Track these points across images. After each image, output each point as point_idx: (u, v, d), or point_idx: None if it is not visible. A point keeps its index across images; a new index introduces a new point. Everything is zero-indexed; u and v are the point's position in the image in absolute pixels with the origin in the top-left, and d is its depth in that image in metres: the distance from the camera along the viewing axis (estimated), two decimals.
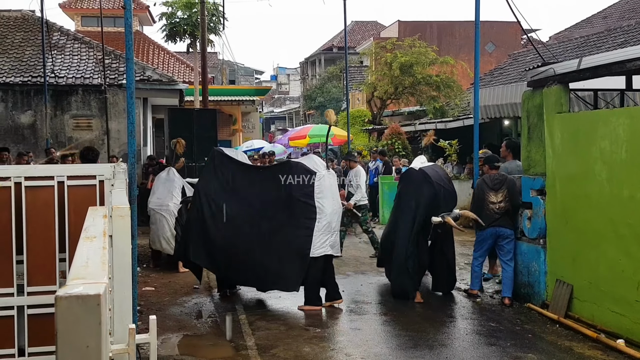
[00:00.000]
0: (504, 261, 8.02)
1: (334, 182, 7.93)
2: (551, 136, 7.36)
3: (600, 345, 6.14)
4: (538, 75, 7.75)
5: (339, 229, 8.01)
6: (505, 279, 7.95)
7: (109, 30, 26.02)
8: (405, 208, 8.16)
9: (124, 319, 2.62)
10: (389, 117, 28.79)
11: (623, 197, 6.12)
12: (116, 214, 2.68)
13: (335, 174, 8.30)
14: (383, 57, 25.71)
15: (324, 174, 7.74)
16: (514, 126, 16.39)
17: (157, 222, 10.19)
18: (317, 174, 7.67)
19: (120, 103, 15.40)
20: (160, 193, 10.38)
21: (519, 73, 16.99)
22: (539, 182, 7.60)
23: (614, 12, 27.14)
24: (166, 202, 10.18)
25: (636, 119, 6.04)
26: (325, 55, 51.02)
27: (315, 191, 7.62)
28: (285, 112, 62.03)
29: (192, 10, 23.00)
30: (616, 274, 6.20)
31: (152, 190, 10.65)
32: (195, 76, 23.22)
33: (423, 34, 29.54)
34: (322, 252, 7.57)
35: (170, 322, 7.20)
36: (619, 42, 14.92)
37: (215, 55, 40.76)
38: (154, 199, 10.37)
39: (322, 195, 7.61)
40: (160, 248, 10.30)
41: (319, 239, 7.56)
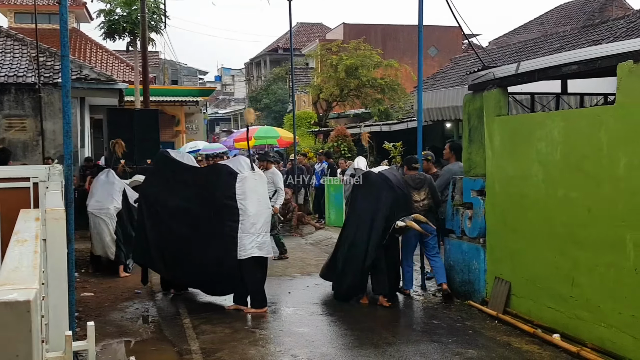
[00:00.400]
0: (430, 256, 8.32)
1: (261, 183, 7.87)
2: (491, 138, 7.54)
3: (537, 339, 6.33)
4: (478, 79, 7.93)
5: (268, 230, 7.85)
6: (437, 268, 8.24)
7: (44, 27, 25.21)
8: (364, 212, 7.99)
9: (60, 325, 2.54)
10: (334, 119, 28.97)
11: (558, 197, 6.32)
12: (50, 217, 2.59)
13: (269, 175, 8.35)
14: (328, 60, 25.85)
15: (247, 176, 7.69)
16: (456, 129, 16.73)
17: (97, 226, 9.92)
18: (239, 175, 7.65)
19: (55, 103, 14.92)
20: (100, 196, 10.09)
21: (460, 77, 17.34)
22: (479, 183, 7.77)
23: (550, 18, 28.09)
24: (106, 206, 9.93)
25: (570, 121, 6.25)
26: (271, 56, 50.89)
27: (237, 192, 7.58)
28: (230, 114, 61.52)
29: (131, 8, 22.51)
30: (552, 271, 6.39)
31: (91, 192, 10.32)
32: (135, 75, 22.77)
33: (368, 37, 29.84)
34: (249, 254, 7.53)
35: (110, 328, 7.02)
36: (555, 47, 15.43)
37: (156, 54, 40.12)
38: (92, 202, 10.05)
39: (245, 196, 7.57)
40: (101, 252, 10.04)
41: (243, 240, 7.52)
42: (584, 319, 5.96)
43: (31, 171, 4.22)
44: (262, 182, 7.90)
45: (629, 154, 5.38)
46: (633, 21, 14.54)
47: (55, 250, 2.56)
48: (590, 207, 5.87)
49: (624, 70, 5.45)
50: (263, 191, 7.92)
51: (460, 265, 8.12)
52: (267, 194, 8.12)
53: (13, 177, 4.14)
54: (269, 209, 8.00)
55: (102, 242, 9.92)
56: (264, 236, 7.71)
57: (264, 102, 42.19)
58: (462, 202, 8.11)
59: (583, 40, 14.82)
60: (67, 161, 5.51)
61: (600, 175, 5.74)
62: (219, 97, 68.53)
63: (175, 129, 31.17)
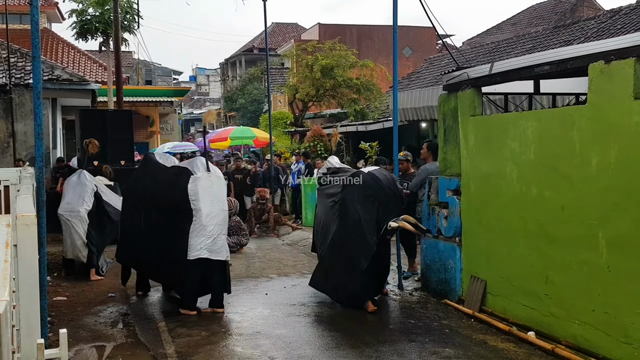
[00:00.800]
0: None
1: (217, 184, 7.82)
2: (465, 138, 7.59)
3: (512, 337, 6.38)
4: (453, 80, 7.98)
5: (223, 232, 7.78)
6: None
7: (15, 27, 24.79)
8: (355, 213, 7.71)
9: (32, 333, 2.49)
10: (310, 119, 28.98)
11: (532, 196, 6.39)
12: (21, 223, 2.54)
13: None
14: (304, 60, 25.84)
15: (200, 176, 7.66)
16: (431, 128, 16.84)
17: (68, 228, 9.77)
18: (192, 176, 7.64)
19: (27, 104, 14.65)
20: (71, 198, 9.92)
21: (435, 77, 17.47)
22: (455, 183, 7.82)
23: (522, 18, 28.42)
24: (77, 208, 9.77)
25: (543, 121, 6.32)
26: (246, 56, 50.72)
27: (190, 193, 7.58)
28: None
29: (104, 7, 22.28)
30: (526, 270, 6.46)
31: (63, 194, 10.15)
32: (108, 76, 22.53)
33: (343, 37, 29.91)
34: (196, 255, 7.51)
35: (84, 333, 6.92)
36: (527, 47, 15.62)
37: (130, 54, 39.72)
38: (63, 204, 9.89)
39: (197, 197, 7.55)
40: (72, 256, 9.88)
41: (193, 241, 7.50)
42: (558, 317, 6.03)
43: (2, 174, 4.13)
44: (218, 183, 7.84)
45: (601, 153, 5.46)
46: (604, 22, 14.79)
47: (27, 256, 2.51)
48: (563, 205, 5.94)
49: (595, 71, 5.53)
50: (218, 192, 7.84)
51: (436, 265, 8.16)
52: (223, 195, 8.05)
53: None
54: (224, 210, 7.89)
55: (73, 245, 9.76)
56: (217, 238, 7.64)
57: (240, 102, 42.05)
58: (438, 202, 8.15)
59: (555, 41, 15.03)
60: (39, 163, 5.42)
61: (573, 174, 5.81)
62: (194, 98, 68.14)
63: (149, 129, 30.92)
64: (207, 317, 7.55)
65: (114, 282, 9.43)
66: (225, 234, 7.87)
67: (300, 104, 27.15)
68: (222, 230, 7.73)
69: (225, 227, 7.87)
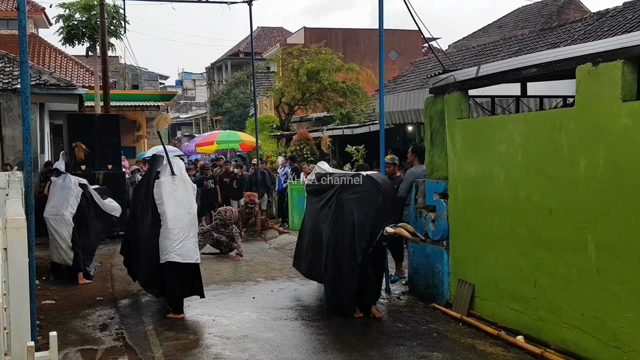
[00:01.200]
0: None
1: (182, 187, 7.87)
2: (452, 141, 7.62)
3: (501, 341, 6.40)
4: (439, 83, 8.01)
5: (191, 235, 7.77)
6: None
7: (2, 32, 24.68)
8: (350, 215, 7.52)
9: (22, 336, 2.47)
10: (297, 123, 28.98)
11: (520, 199, 6.42)
12: (11, 226, 2.52)
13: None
14: (290, 63, 25.84)
15: (163, 180, 7.78)
16: (417, 132, 16.90)
17: (53, 232, 9.73)
18: (156, 180, 7.81)
19: (14, 108, 14.57)
20: (56, 201, 9.89)
21: (421, 80, 17.53)
22: (442, 186, 7.85)
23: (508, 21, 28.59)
24: (61, 212, 9.74)
25: (531, 124, 6.36)
26: (232, 60, 50.62)
27: (155, 197, 7.73)
28: (192, 118, 60.98)
29: (91, 13, 22.19)
30: (514, 273, 6.48)
31: (49, 198, 10.09)
32: (95, 80, 22.42)
33: (329, 40, 29.94)
34: (166, 259, 7.56)
35: (72, 336, 6.87)
36: (513, 50, 15.72)
37: (116, 59, 39.52)
38: (49, 208, 9.86)
39: (161, 201, 7.68)
40: (58, 259, 9.81)
41: (162, 244, 7.59)
42: (547, 321, 6.05)
43: None
44: (183, 186, 7.89)
45: (589, 155, 5.49)
46: (590, 24, 14.91)
47: (17, 259, 2.49)
48: (551, 208, 5.97)
49: (582, 73, 5.57)
50: (183, 196, 7.84)
51: (424, 268, 8.17)
52: (190, 198, 8.01)
53: None
54: (190, 214, 7.84)
55: (58, 249, 9.74)
56: (185, 242, 7.64)
57: (226, 106, 41.97)
58: (425, 205, 8.17)
59: (541, 43, 15.13)
60: (27, 168, 5.38)
61: (561, 177, 5.84)
62: (180, 102, 67.89)
63: (136, 133, 30.79)
64: (195, 321, 7.52)
65: (102, 286, 9.39)
66: (194, 237, 7.84)
67: (286, 108, 27.14)
68: (189, 234, 7.72)
69: (193, 230, 7.84)
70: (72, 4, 22.42)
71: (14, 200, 3.27)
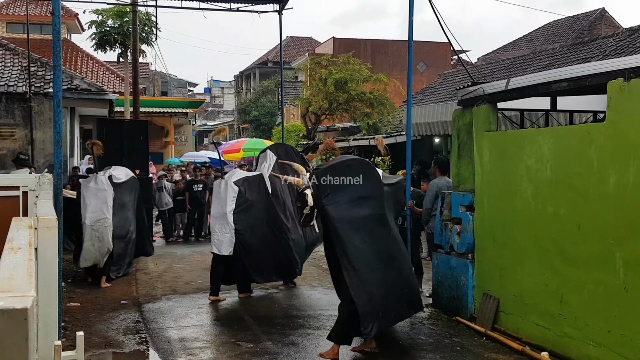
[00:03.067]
0: None
1: (224, 188, 8.91)
2: (480, 154, 7.57)
3: (525, 357, 6.31)
4: (468, 95, 7.97)
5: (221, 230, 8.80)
6: None
7: (36, 37, 25.16)
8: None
9: (49, 335, 2.51)
10: (323, 132, 29.03)
11: (547, 214, 6.35)
12: (43, 225, 2.56)
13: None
14: (318, 73, 25.92)
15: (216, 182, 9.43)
16: (444, 144, 16.81)
17: (94, 238, 9.60)
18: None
19: (45, 112, 14.84)
20: (95, 206, 9.72)
21: (449, 92, 17.46)
22: (468, 199, 7.79)
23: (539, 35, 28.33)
24: (103, 216, 9.67)
25: (561, 138, 6.30)
26: (260, 69, 51.02)
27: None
28: (219, 126, 61.44)
29: (123, 19, 22.54)
30: (540, 288, 6.40)
31: (84, 203, 9.77)
32: (126, 86, 22.74)
33: (357, 51, 30.01)
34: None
35: (96, 339, 6.94)
36: (544, 64, 15.58)
37: (147, 65, 40.08)
38: (89, 214, 9.64)
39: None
40: (89, 264, 9.79)
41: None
42: (572, 337, 5.96)
43: (21, 180, 4.17)
44: (224, 187, 8.94)
45: (619, 171, 5.42)
46: (622, 39, 14.72)
47: (47, 259, 2.53)
48: (580, 223, 5.90)
49: (614, 88, 5.51)
50: (221, 196, 8.92)
51: (448, 281, 8.11)
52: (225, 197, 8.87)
53: (4, 186, 4.09)
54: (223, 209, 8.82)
55: (94, 253, 9.64)
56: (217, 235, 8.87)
57: (253, 114, 42.28)
58: (451, 217, 8.12)
59: (572, 58, 14.98)
60: (57, 170, 5.48)
61: (590, 192, 5.77)
62: (208, 109, 68.51)
63: (164, 140, 31.13)
64: (217, 327, 7.56)
65: (126, 290, 9.48)
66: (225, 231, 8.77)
67: (313, 117, 27.21)
68: (221, 229, 8.79)
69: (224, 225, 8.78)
70: (105, 11, 22.80)
71: (45, 200, 3.33)
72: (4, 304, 1.42)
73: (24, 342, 1.41)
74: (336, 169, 6.63)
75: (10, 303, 1.44)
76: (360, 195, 6.53)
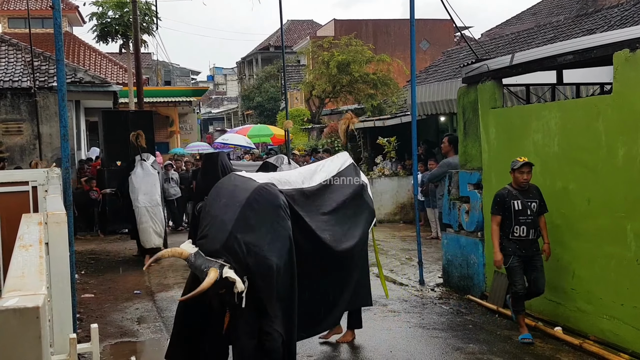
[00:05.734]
0: None
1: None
2: (486, 131, 7.53)
3: (538, 333, 6.32)
4: (472, 72, 7.91)
5: None
6: None
7: (38, 31, 25.09)
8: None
9: (64, 328, 2.53)
10: (327, 115, 28.96)
11: (556, 189, 6.32)
12: (52, 221, 2.57)
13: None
14: (320, 56, 25.79)
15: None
16: (450, 122, 16.73)
17: (149, 219, 10.28)
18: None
19: (51, 106, 14.88)
20: (146, 188, 10.39)
21: (453, 70, 17.34)
22: (476, 177, 7.77)
23: (542, 8, 28.00)
24: (155, 197, 10.38)
25: (567, 112, 6.25)
26: (262, 54, 50.79)
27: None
28: (224, 113, 61.39)
29: (123, 10, 22.44)
30: (552, 264, 6.38)
31: (133, 187, 10.44)
32: (129, 77, 22.71)
33: (359, 32, 29.81)
34: None
35: (111, 329, 7.01)
36: (548, 37, 15.43)
37: (149, 55, 40.00)
38: (141, 197, 10.33)
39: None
40: (153, 244, 10.30)
41: None
42: (585, 312, 5.96)
43: (30, 175, 4.19)
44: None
45: (627, 143, 5.38)
46: (627, 9, 14.55)
47: (58, 253, 2.55)
48: (589, 198, 5.87)
49: (620, 59, 5.45)
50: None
51: (458, 260, 8.11)
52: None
53: (12, 182, 4.11)
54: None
55: (152, 235, 10.28)
56: None
57: (257, 100, 42.18)
58: (459, 196, 8.10)
59: (577, 30, 14.83)
60: (65, 164, 5.48)
61: (599, 165, 5.73)
62: (212, 97, 68.42)
63: (169, 129, 31.14)
64: None
65: (139, 280, 9.55)
66: None
67: (317, 101, 27.12)
68: None
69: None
70: (105, 2, 22.72)
71: (53, 195, 3.34)
72: (15, 303, 1.43)
73: (37, 340, 1.42)
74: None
75: (22, 302, 1.45)
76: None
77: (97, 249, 12.48)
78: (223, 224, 4.53)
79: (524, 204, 6.11)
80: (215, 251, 4.40)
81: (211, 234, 4.55)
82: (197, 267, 4.37)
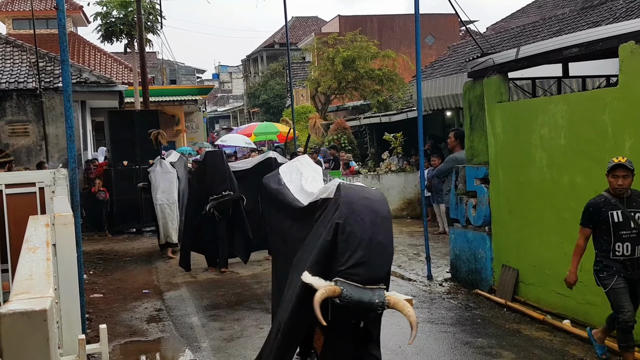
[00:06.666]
0: None
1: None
2: (492, 125, 7.51)
3: (546, 326, 6.32)
4: (478, 66, 7.89)
5: None
6: None
7: (42, 32, 25.16)
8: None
9: (72, 329, 2.54)
10: (333, 112, 28.92)
11: (563, 182, 6.30)
12: (59, 222, 2.58)
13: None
14: (325, 53, 25.73)
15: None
16: (456, 117, 16.67)
17: (167, 216, 10.79)
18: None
19: (57, 107, 14.92)
20: (164, 186, 10.87)
21: (459, 64, 17.27)
22: (483, 171, 7.75)
23: (548, 1, 27.83)
24: (173, 195, 10.84)
25: (573, 105, 6.22)
26: (267, 52, 50.77)
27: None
28: (229, 111, 61.44)
29: (127, 10, 22.46)
30: (559, 257, 6.37)
31: (154, 185, 10.95)
32: (134, 77, 22.75)
33: (364, 28, 29.74)
34: None
35: (120, 329, 7.04)
36: (554, 30, 15.34)
37: (154, 54, 40.04)
38: (159, 195, 10.84)
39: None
40: (171, 240, 10.85)
41: None
42: (594, 304, 5.94)
43: (37, 176, 4.21)
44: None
45: (634, 135, 5.36)
46: (633, 1, 14.44)
47: (65, 254, 2.56)
48: (596, 191, 5.81)
49: (625, 51, 5.43)
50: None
51: (466, 254, 8.10)
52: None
53: (19, 183, 4.13)
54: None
55: (169, 230, 10.78)
56: None
57: (262, 98, 42.17)
58: (466, 191, 8.09)
59: (582, 22, 14.74)
60: (72, 165, 5.50)
61: (606, 158, 5.68)
62: (218, 95, 68.45)
63: (175, 128, 31.18)
64: (239, 312, 7.61)
65: (147, 279, 9.59)
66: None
67: (322, 98, 27.06)
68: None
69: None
70: (109, 2, 22.74)
71: (60, 196, 3.35)
72: (23, 306, 1.44)
73: (44, 343, 1.43)
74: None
75: (30, 305, 1.45)
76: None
77: (105, 249, 12.53)
78: (382, 248, 3.93)
79: (626, 215, 4.93)
80: (379, 279, 3.93)
81: (371, 260, 3.87)
82: (360, 301, 3.84)
